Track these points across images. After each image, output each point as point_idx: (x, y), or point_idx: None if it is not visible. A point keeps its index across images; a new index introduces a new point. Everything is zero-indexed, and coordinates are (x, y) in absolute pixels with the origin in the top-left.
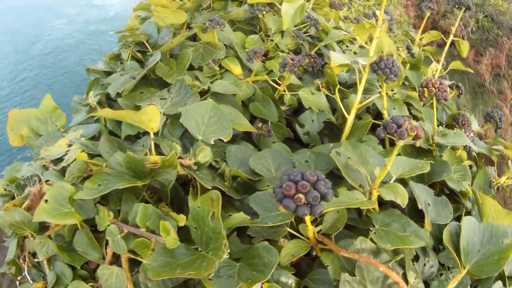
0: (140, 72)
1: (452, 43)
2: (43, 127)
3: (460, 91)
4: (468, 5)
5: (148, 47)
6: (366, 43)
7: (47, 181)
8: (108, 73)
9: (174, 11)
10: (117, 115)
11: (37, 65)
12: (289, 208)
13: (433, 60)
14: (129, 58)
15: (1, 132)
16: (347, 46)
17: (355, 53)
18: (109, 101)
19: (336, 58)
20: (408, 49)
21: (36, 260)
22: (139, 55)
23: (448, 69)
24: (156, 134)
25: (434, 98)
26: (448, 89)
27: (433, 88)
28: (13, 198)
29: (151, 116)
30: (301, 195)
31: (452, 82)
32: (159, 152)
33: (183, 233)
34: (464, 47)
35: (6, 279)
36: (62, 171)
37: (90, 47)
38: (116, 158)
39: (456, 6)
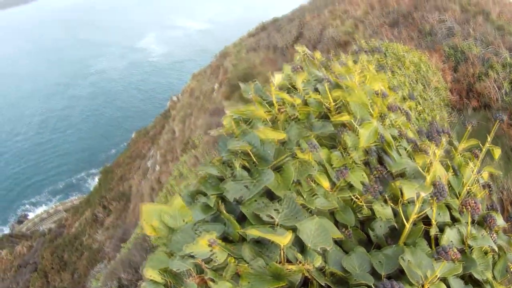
0: (253, 183)
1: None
2: (173, 221)
3: (490, 189)
4: (502, 118)
5: (253, 157)
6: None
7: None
8: (219, 178)
9: (276, 131)
10: (264, 235)
11: (79, 97)
12: None
13: (469, 162)
14: (239, 167)
15: (41, 155)
16: (399, 143)
17: (407, 150)
18: (218, 196)
19: (408, 193)
20: (454, 169)
21: None
22: (246, 163)
23: (481, 172)
24: None
25: (469, 214)
26: (480, 206)
27: (470, 207)
28: (165, 285)
29: (287, 237)
30: None
31: (486, 182)
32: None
33: None
34: (496, 152)
35: None
36: (213, 267)
37: (133, 86)
38: (258, 263)
39: (493, 119)
